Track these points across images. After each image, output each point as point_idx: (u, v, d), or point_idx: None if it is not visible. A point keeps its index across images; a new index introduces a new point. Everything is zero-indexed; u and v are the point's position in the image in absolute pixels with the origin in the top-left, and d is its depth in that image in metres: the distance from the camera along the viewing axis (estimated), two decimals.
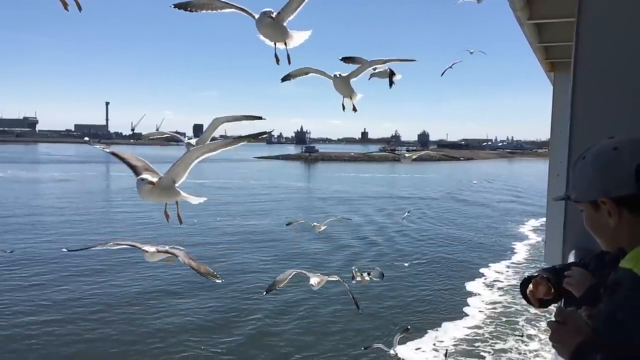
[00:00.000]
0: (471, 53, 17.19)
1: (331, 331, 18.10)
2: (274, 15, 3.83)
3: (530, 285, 2.38)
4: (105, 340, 17.03)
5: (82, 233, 32.42)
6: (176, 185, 4.26)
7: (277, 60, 4.22)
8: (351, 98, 4.99)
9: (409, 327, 14.71)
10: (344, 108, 5.09)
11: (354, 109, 5.11)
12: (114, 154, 4.81)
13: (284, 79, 5.20)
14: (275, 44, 4.07)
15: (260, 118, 4.93)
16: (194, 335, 17.50)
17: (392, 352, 14.20)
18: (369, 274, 11.76)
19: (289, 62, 4.32)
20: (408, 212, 27.45)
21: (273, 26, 3.85)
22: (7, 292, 20.93)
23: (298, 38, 4.17)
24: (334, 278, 9.08)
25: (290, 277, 8.05)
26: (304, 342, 17.42)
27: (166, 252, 5.34)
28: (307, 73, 4.95)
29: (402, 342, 16.64)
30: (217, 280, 5.12)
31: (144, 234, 30.17)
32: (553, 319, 1.84)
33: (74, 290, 21.68)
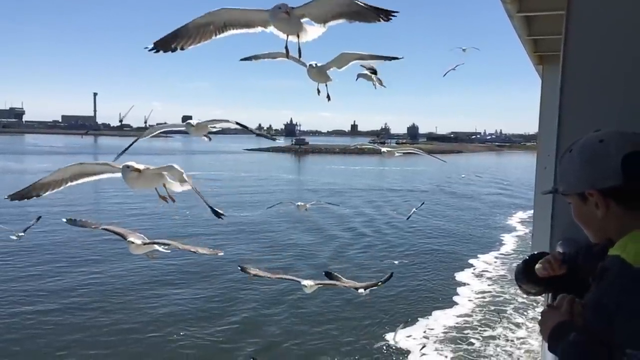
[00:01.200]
0: (464, 50, 17.04)
1: (323, 320, 18.32)
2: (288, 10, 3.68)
3: (545, 262, 2.35)
4: (101, 327, 17.13)
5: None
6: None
7: (287, 53, 4.11)
8: (326, 84, 4.85)
9: (409, 319, 14.90)
10: (319, 92, 4.92)
11: (328, 98, 4.97)
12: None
13: (244, 59, 5.09)
14: (287, 36, 3.95)
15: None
16: (188, 324, 17.66)
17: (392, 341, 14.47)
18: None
19: (299, 55, 4.19)
20: (415, 209, 27.51)
21: (288, 22, 3.74)
22: (1, 282, 20.97)
23: (312, 33, 4.00)
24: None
25: (261, 274, 8.07)
26: (296, 330, 17.62)
27: (154, 243, 5.43)
28: (275, 57, 4.67)
29: (393, 330, 17.02)
30: (219, 253, 5.32)
31: (137, 225, 30.09)
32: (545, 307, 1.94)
33: (68, 279, 21.74)
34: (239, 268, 8.13)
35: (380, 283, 8.30)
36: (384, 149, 8.35)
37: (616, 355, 1.50)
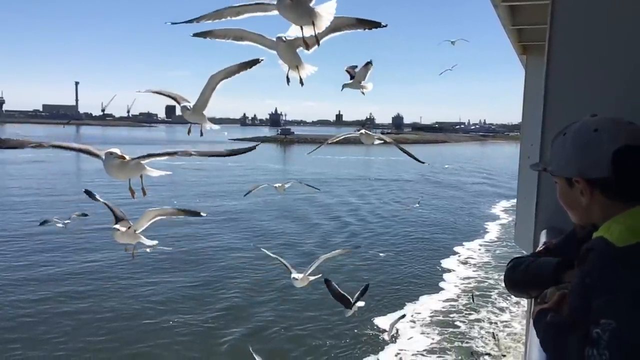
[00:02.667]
0: (453, 43, 16.59)
1: (312, 305, 18.64)
2: None
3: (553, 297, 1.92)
4: (93, 314, 17.46)
5: (65, 212, 32.48)
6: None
7: (307, 46, 3.67)
8: (298, 68, 4.19)
9: (404, 314, 15.25)
10: (288, 81, 4.28)
11: (301, 82, 4.35)
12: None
13: (196, 35, 4.39)
14: (302, 28, 3.52)
15: (257, 62, 4.33)
16: (178, 309, 18.07)
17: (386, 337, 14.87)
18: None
19: (318, 44, 3.67)
20: (418, 204, 27.91)
21: (295, 8, 3.30)
22: None
23: (326, 15, 3.50)
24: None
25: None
26: (285, 315, 18.03)
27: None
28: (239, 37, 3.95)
29: (382, 314, 17.52)
30: (203, 214, 5.28)
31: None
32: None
33: (56, 267, 21.97)
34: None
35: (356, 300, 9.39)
36: (362, 131, 7.79)
37: (591, 329, 1.50)
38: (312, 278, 8.62)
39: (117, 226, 5.02)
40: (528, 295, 2.36)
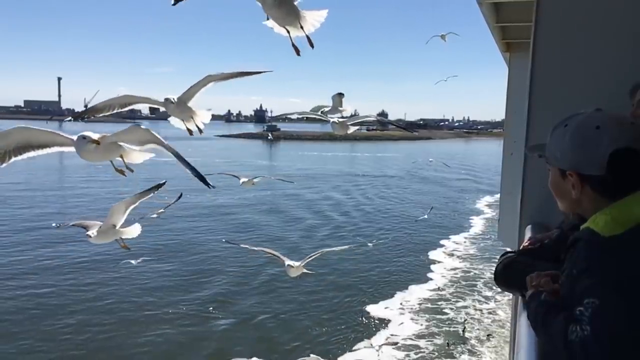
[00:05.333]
0: (443, 37, 15.92)
1: (303, 295, 19.27)
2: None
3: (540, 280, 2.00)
4: (82, 302, 18.04)
5: (58, 207, 32.70)
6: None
7: (297, 52, 3.59)
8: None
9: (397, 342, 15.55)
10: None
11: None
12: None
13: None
14: (289, 33, 3.40)
15: (256, 72, 4.38)
16: (166, 297, 18.71)
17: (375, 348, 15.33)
18: None
19: (312, 46, 3.57)
20: (429, 210, 28.46)
21: (279, 5, 3.15)
22: None
23: (312, 21, 3.44)
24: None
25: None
26: (274, 302, 18.60)
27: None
28: None
29: (373, 302, 18.24)
30: (162, 182, 4.76)
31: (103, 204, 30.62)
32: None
33: (43, 259, 22.38)
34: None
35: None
36: (335, 119, 7.14)
37: (575, 309, 1.57)
38: (306, 270, 8.45)
39: (88, 233, 4.94)
40: (520, 293, 2.28)
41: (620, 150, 1.71)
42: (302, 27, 3.42)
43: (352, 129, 7.28)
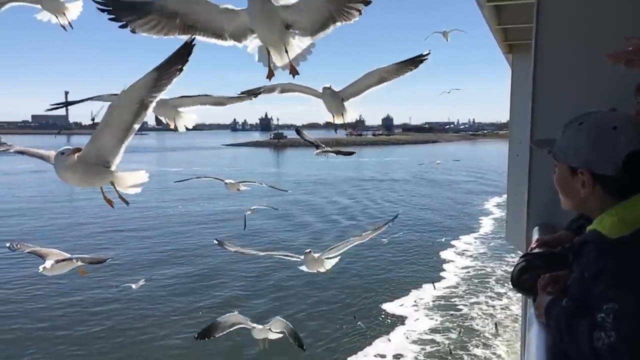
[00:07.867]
0: (445, 35, 14.82)
1: (311, 300, 19.36)
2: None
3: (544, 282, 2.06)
4: (94, 304, 18.41)
5: (75, 220, 33.31)
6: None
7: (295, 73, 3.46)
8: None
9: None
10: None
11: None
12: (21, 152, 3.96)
13: None
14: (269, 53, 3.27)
15: (250, 97, 4.37)
16: (175, 300, 19.02)
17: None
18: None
19: (295, 74, 3.53)
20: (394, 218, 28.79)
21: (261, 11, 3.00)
22: None
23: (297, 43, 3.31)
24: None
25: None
26: (287, 300, 18.90)
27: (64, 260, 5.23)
28: None
29: (389, 300, 18.57)
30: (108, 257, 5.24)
31: (131, 221, 31.10)
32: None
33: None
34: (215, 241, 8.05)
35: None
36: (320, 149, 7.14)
37: (595, 315, 1.57)
38: (327, 265, 7.37)
39: (41, 267, 5.20)
40: (534, 297, 2.23)
41: (637, 152, 1.72)
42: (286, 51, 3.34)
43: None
